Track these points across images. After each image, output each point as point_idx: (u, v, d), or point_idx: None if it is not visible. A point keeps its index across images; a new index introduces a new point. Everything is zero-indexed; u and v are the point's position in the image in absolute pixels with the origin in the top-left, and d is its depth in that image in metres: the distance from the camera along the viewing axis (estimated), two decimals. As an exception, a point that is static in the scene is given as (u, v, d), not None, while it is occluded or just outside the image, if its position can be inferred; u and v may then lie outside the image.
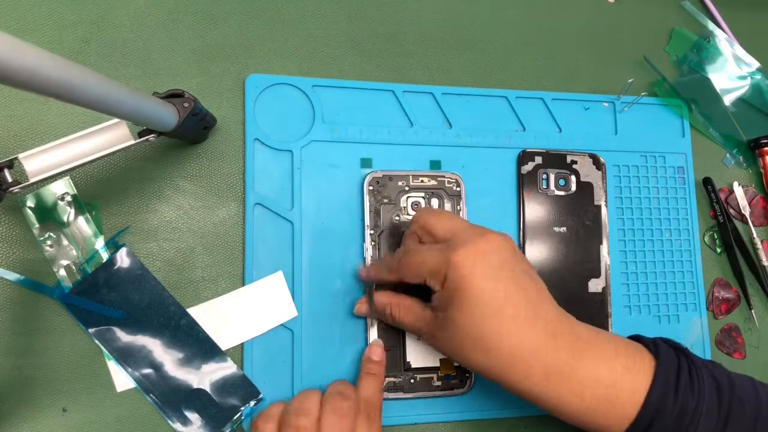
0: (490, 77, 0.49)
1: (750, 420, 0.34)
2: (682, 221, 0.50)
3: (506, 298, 0.33)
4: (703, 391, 0.34)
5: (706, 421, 0.33)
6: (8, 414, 0.37)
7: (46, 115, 0.41)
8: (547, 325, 0.34)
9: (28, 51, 0.21)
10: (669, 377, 0.34)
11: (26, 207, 0.39)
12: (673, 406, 0.33)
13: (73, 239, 0.39)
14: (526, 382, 0.34)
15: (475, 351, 0.34)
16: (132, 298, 0.39)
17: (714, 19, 0.55)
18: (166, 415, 0.38)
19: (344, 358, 0.42)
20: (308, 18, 0.46)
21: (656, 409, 0.33)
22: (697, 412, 0.34)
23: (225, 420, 0.39)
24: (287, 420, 0.35)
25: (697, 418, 0.33)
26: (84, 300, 0.38)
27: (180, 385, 0.39)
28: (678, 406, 0.33)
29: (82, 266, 0.39)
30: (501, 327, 0.33)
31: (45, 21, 0.42)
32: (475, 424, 0.43)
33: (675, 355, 0.36)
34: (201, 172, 0.42)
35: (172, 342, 0.39)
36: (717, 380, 0.35)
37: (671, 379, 0.34)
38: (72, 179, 0.40)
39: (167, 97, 0.36)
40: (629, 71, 0.52)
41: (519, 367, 0.33)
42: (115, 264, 0.39)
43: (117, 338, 0.38)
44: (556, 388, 0.34)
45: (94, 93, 0.26)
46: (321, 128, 0.44)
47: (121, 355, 0.38)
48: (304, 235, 0.42)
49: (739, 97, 0.54)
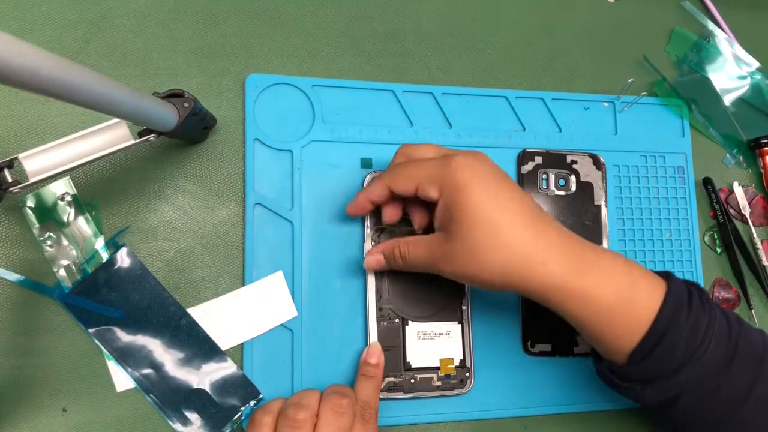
0: (490, 77, 0.49)
1: (757, 358, 0.34)
2: (682, 221, 0.50)
3: (510, 197, 0.34)
4: (714, 316, 0.34)
5: (716, 343, 0.33)
6: (8, 414, 0.37)
7: (46, 115, 0.41)
8: (556, 225, 0.34)
9: (28, 51, 0.21)
10: (681, 296, 0.34)
11: (26, 207, 0.39)
12: (686, 321, 0.33)
13: (73, 239, 0.39)
14: (549, 277, 0.33)
15: (489, 253, 0.33)
16: (132, 298, 0.39)
17: (714, 19, 0.55)
18: (166, 415, 0.38)
19: (344, 358, 0.42)
20: (308, 18, 0.46)
21: (670, 320, 0.33)
22: (708, 332, 0.33)
23: (225, 420, 0.39)
24: (286, 413, 0.35)
25: (709, 338, 0.33)
26: (84, 300, 0.38)
27: (180, 385, 0.39)
28: (691, 321, 0.33)
29: (82, 266, 0.39)
30: (511, 221, 0.33)
31: (45, 21, 0.42)
32: (475, 424, 0.43)
33: (685, 284, 0.36)
34: (201, 172, 0.42)
35: (172, 342, 0.39)
36: (726, 314, 0.35)
37: (683, 297, 0.34)
38: (72, 179, 0.40)
39: (167, 97, 0.36)
40: (629, 71, 0.52)
41: (538, 260, 0.33)
42: (115, 264, 0.39)
43: (117, 338, 0.38)
44: (580, 280, 0.33)
45: (94, 93, 0.26)
46: (321, 128, 0.44)
47: (121, 355, 0.38)
48: (304, 235, 0.42)
49: (739, 97, 0.54)
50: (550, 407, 0.44)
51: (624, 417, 0.46)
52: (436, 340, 0.42)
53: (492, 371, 0.44)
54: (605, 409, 0.45)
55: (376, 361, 0.40)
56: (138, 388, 0.38)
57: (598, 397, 0.45)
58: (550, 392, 0.44)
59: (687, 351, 0.33)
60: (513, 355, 0.44)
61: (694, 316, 0.33)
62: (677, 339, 0.33)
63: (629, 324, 0.33)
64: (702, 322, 0.33)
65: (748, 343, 0.34)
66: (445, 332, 0.43)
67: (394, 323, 0.42)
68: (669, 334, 0.33)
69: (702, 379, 0.33)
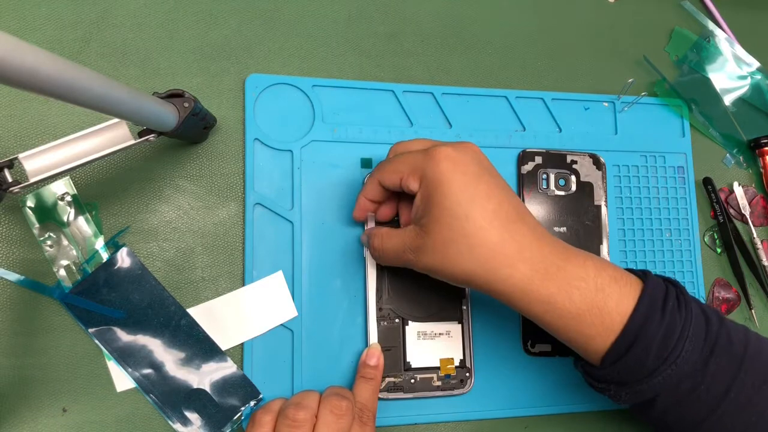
0: (490, 77, 0.49)
1: (736, 357, 0.33)
2: (682, 221, 0.50)
3: (488, 194, 0.33)
4: (690, 317, 0.33)
5: (690, 345, 0.32)
6: (8, 414, 0.37)
7: (46, 115, 0.41)
8: (531, 227, 0.34)
9: (28, 51, 0.21)
10: (656, 297, 0.33)
11: (26, 207, 0.39)
12: (659, 325, 0.32)
13: (73, 239, 0.39)
14: (513, 277, 0.32)
15: (459, 250, 0.33)
16: (132, 299, 0.39)
17: (714, 19, 0.55)
18: (166, 416, 0.38)
19: (344, 358, 0.42)
20: (308, 18, 0.46)
21: (642, 324, 0.32)
22: (683, 334, 0.32)
23: (225, 420, 0.39)
24: (285, 413, 0.35)
25: (683, 340, 0.32)
26: (84, 300, 0.38)
27: (180, 385, 0.39)
28: (664, 324, 0.32)
29: (82, 266, 0.39)
30: (484, 220, 0.32)
31: (45, 21, 0.42)
32: (475, 424, 0.43)
33: (663, 283, 0.35)
34: (201, 172, 0.42)
35: (173, 342, 0.39)
36: (706, 313, 0.34)
37: (658, 299, 0.33)
38: (72, 179, 0.40)
39: (167, 97, 0.36)
40: (629, 71, 0.52)
41: (504, 263, 0.32)
42: (114, 264, 0.39)
43: (117, 338, 0.38)
44: (544, 286, 0.33)
45: (94, 93, 0.26)
46: (321, 128, 0.44)
47: (121, 355, 0.38)
48: (304, 235, 0.42)
49: (739, 97, 0.54)
50: (550, 407, 0.44)
51: (624, 417, 0.46)
52: (436, 340, 0.42)
53: (492, 371, 0.44)
54: (605, 409, 0.45)
55: (375, 362, 0.40)
56: (138, 389, 0.38)
57: (598, 397, 0.45)
58: (550, 392, 0.44)
59: (660, 354, 0.32)
60: (513, 355, 0.44)
61: (668, 317, 0.33)
62: (650, 342, 0.32)
63: (598, 329, 0.33)
64: (677, 323, 0.33)
65: (728, 342, 0.34)
66: (445, 332, 0.43)
67: (394, 323, 0.42)
68: (641, 337, 0.32)
69: (677, 381, 0.33)
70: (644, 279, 0.35)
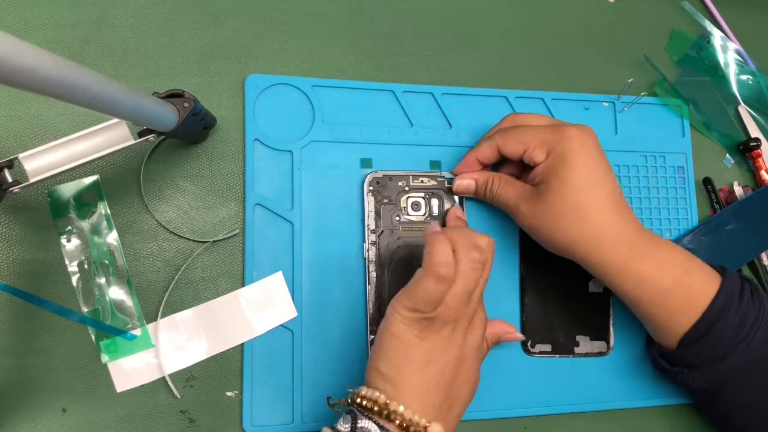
0: (490, 77, 0.49)
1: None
2: (682, 221, 0.50)
3: (604, 180, 0.37)
4: (764, 309, 0.37)
5: (762, 334, 0.36)
6: (8, 414, 0.37)
7: (46, 115, 0.41)
8: (631, 216, 0.38)
9: (28, 51, 0.21)
10: (734, 288, 0.38)
11: (52, 197, 0.39)
12: (736, 311, 0.37)
13: (90, 235, 0.39)
14: (612, 254, 0.37)
15: (569, 222, 0.37)
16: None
17: (714, 19, 0.55)
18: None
19: (344, 358, 0.42)
20: (308, 18, 0.46)
21: (722, 307, 0.36)
22: (756, 323, 0.37)
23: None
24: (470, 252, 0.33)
25: (756, 328, 0.36)
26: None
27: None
28: (740, 313, 0.37)
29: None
30: (598, 201, 0.37)
31: (45, 21, 0.42)
32: (475, 424, 0.43)
33: (739, 278, 0.39)
34: (201, 172, 0.42)
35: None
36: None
37: (736, 290, 0.38)
38: (72, 179, 0.40)
39: (167, 97, 0.36)
40: (629, 71, 0.52)
41: (607, 240, 0.37)
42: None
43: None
44: (639, 263, 0.37)
45: (94, 93, 0.26)
46: (321, 128, 0.44)
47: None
48: (304, 236, 0.42)
49: (738, 98, 0.54)
50: (550, 407, 0.44)
51: (624, 417, 0.46)
52: (436, 340, 0.42)
53: (492, 371, 0.43)
54: (605, 409, 0.45)
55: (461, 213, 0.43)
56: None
57: (598, 397, 0.45)
58: (550, 392, 0.44)
59: (734, 339, 0.36)
60: (513, 355, 0.44)
61: (744, 307, 0.37)
62: (726, 327, 0.36)
63: (682, 305, 0.37)
64: (750, 313, 0.37)
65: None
66: (445, 332, 0.43)
67: (394, 323, 0.42)
68: (720, 321, 0.36)
69: (748, 366, 0.37)
70: (722, 273, 0.39)
